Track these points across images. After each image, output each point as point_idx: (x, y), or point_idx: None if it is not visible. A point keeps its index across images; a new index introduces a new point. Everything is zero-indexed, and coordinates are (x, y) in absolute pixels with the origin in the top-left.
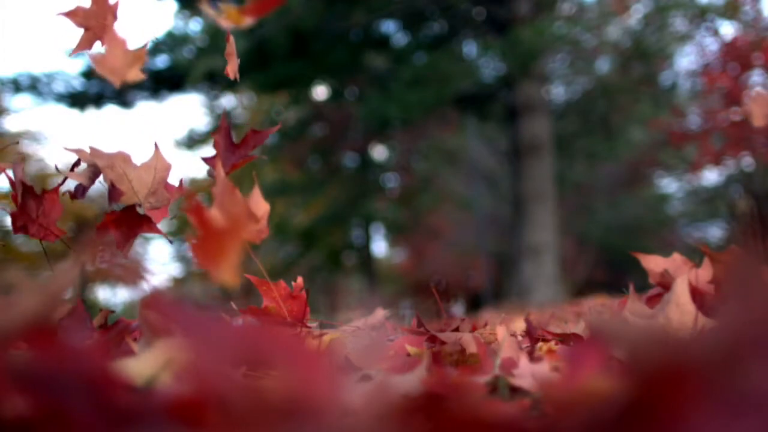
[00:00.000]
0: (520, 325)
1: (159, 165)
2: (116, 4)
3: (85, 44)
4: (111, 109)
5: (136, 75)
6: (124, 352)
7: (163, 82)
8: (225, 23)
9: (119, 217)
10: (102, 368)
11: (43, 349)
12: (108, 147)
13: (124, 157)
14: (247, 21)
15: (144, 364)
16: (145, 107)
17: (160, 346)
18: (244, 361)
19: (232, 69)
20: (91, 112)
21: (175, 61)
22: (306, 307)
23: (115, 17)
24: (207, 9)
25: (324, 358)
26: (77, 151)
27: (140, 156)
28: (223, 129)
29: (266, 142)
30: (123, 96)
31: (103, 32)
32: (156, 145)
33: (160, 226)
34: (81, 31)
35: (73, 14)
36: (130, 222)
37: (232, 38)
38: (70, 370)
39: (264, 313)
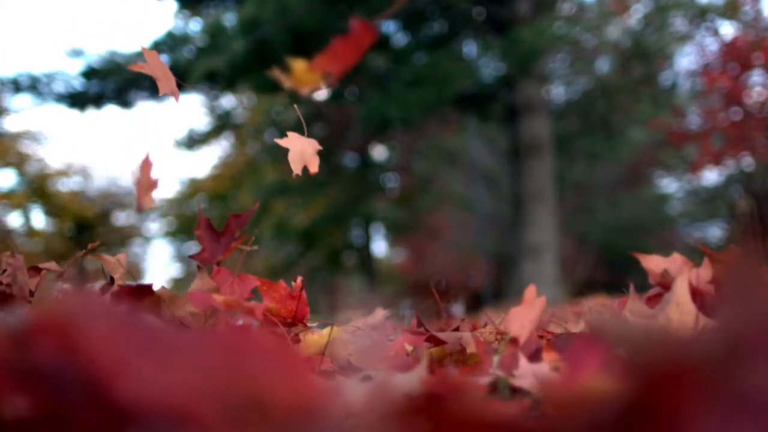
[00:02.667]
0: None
1: None
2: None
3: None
4: (111, 109)
5: None
6: None
7: None
8: (299, 88)
9: None
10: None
11: (45, 348)
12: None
13: None
14: (323, 85)
15: None
16: (145, 107)
17: None
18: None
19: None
20: (91, 112)
21: (175, 61)
22: (306, 307)
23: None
24: (279, 76)
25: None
26: None
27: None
28: (202, 223)
29: (266, 142)
30: (123, 96)
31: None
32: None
33: (160, 225)
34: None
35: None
36: None
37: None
38: (71, 368)
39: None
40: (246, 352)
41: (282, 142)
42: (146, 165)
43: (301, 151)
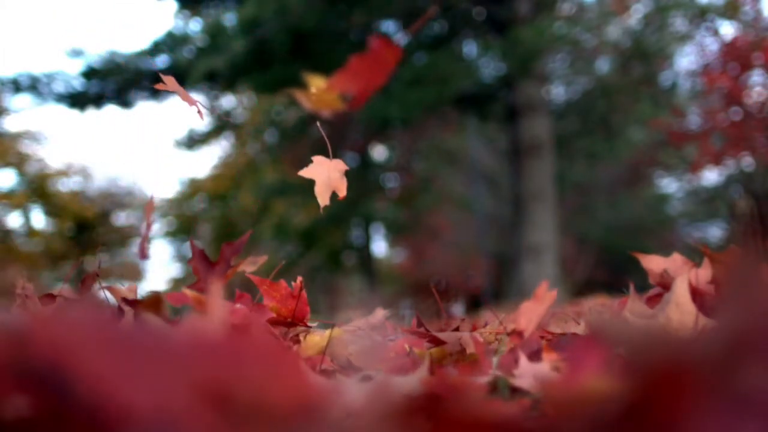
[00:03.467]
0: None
1: None
2: None
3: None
4: (111, 109)
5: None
6: None
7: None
8: (318, 110)
9: None
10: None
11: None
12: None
13: None
14: (342, 107)
15: None
16: (145, 107)
17: None
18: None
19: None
20: (91, 112)
21: (175, 61)
22: (307, 307)
23: None
24: (300, 98)
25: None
26: None
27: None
28: (196, 254)
29: (266, 142)
30: (123, 96)
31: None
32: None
33: (160, 225)
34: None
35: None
36: None
37: None
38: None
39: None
40: (241, 354)
41: (307, 173)
42: (150, 209)
43: (329, 178)
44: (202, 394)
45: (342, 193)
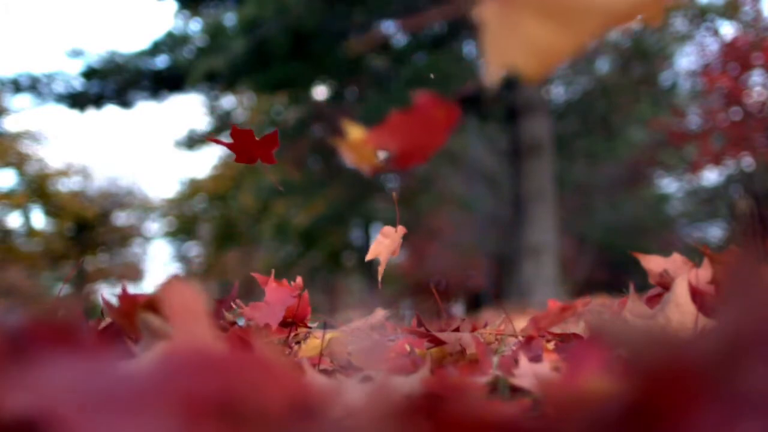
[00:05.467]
0: (520, 325)
1: None
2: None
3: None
4: (111, 110)
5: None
6: (123, 354)
7: (163, 82)
8: (355, 161)
9: None
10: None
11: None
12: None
13: None
14: (381, 164)
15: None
16: (145, 107)
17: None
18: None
19: None
20: (91, 112)
21: (175, 61)
22: (308, 307)
23: None
24: (340, 146)
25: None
26: None
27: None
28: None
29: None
30: (123, 96)
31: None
32: None
33: (160, 225)
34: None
35: None
36: None
37: None
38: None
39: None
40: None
41: (374, 252)
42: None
43: (390, 247)
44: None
45: (396, 254)
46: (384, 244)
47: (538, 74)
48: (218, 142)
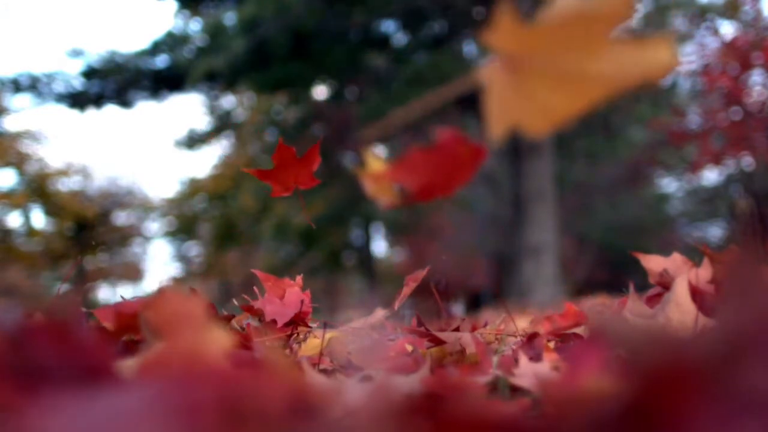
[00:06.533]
0: (521, 325)
1: None
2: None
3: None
4: (111, 109)
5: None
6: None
7: (163, 82)
8: (373, 194)
9: None
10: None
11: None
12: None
13: None
14: (398, 199)
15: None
16: (145, 107)
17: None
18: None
19: None
20: (91, 112)
21: (175, 61)
22: (309, 306)
23: None
24: (361, 177)
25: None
26: None
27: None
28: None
29: (266, 142)
30: (123, 96)
31: None
32: None
33: (160, 225)
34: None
35: None
36: None
37: None
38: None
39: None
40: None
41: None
42: None
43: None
44: None
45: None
46: (410, 287)
47: (542, 133)
48: (258, 174)
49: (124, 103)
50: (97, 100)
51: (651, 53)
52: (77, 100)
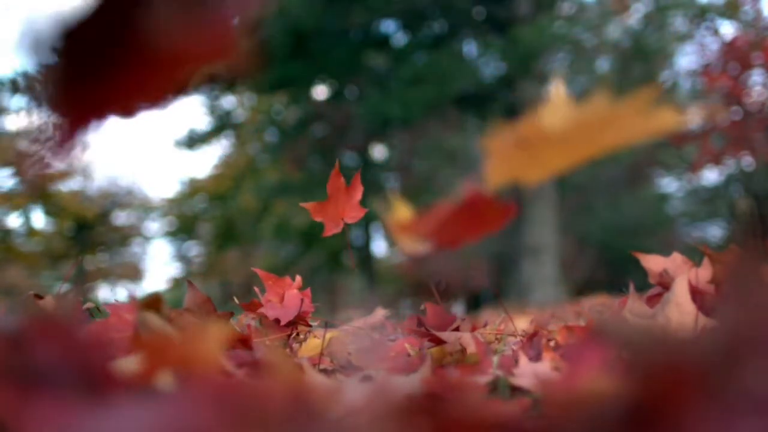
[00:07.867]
0: (521, 325)
1: None
2: None
3: None
4: None
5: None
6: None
7: None
8: (397, 240)
9: None
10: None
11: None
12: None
13: None
14: (421, 249)
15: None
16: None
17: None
18: None
19: None
20: None
21: None
22: (310, 306)
23: None
24: (388, 223)
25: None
26: None
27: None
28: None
29: (266, 142)
30: None
31: None
32: None
33: (160, 225)
34: None
35: None
36: None
37: None
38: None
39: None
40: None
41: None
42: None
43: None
44: None
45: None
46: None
47: (540, 183)
48: (312, 209)
49: None
50: None
51: (658, 121)
52: None
